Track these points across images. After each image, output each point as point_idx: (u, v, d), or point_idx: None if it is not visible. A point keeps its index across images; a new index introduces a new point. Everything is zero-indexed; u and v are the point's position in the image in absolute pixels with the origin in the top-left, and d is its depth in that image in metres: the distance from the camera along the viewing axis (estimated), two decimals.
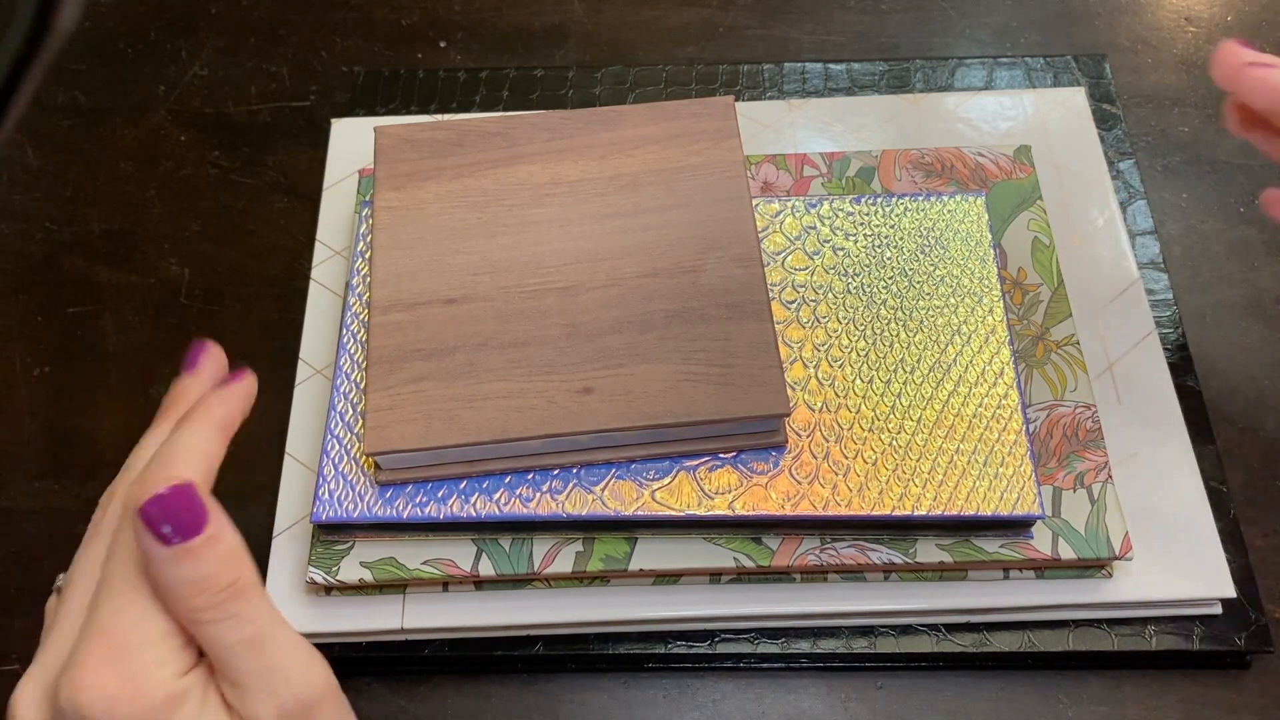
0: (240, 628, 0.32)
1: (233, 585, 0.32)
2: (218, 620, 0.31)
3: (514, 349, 0.44)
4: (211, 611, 0.31)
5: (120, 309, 0.56)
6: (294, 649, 0.33)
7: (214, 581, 0.31)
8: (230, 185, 0.60)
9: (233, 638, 0.32)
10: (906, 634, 0.45)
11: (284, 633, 0.33)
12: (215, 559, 0.31)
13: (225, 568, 0.31)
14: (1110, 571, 0.45)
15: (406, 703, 0.46)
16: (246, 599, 0.32)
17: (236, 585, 0.32)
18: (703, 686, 0.46)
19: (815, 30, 0.65)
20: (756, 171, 0.53)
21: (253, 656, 0.32)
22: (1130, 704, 0.45)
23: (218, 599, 0.31)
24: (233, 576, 0.32)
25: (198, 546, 0.31)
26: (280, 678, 0.32)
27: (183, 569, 0.31)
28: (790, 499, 0.43)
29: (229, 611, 0.32)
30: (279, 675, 0.32)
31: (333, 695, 0.33)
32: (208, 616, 0.31)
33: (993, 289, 0.48)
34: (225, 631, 0.32)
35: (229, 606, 0.32)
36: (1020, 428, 0.44)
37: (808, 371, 0.46)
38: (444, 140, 0.50)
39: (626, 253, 0.47)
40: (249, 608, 0.32)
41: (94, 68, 0.64)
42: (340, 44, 0.65)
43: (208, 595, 0.31)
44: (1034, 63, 0.60)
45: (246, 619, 0.32)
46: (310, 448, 0.49)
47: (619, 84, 0.61)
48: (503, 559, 0.44)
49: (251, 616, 0.32)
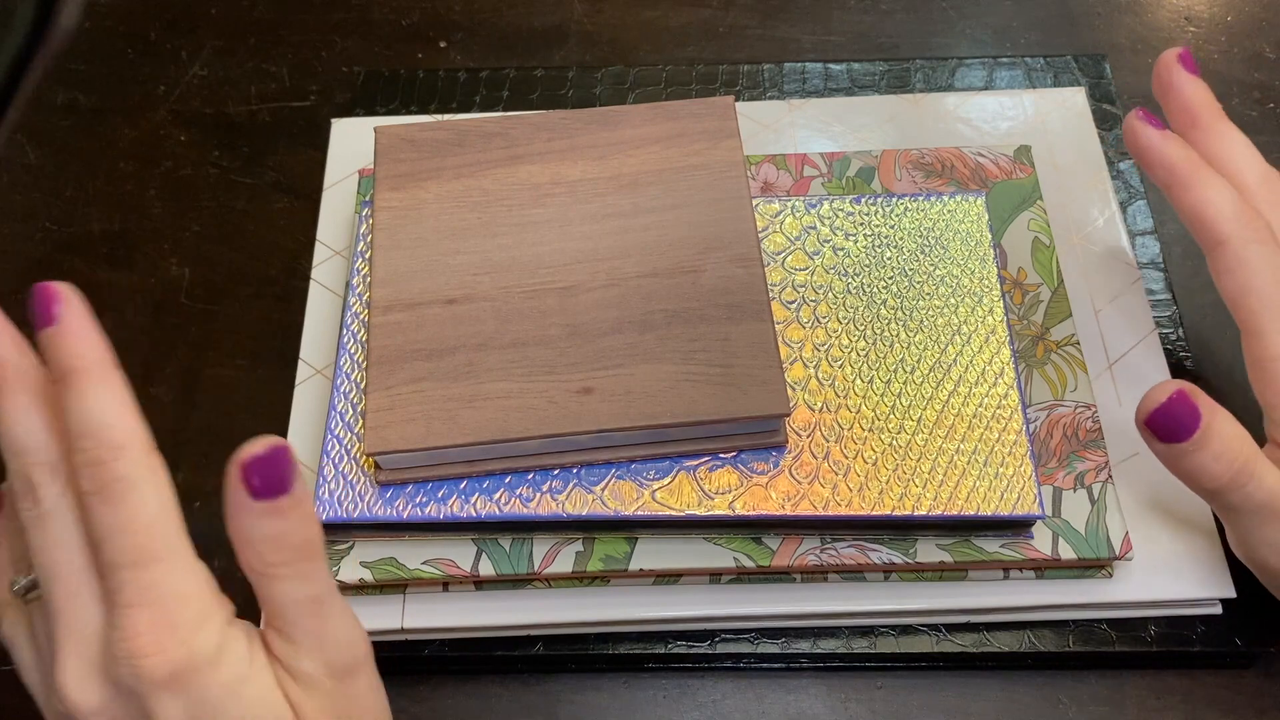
0: (305, 586, 0.34)
1: (306, 545, 0.34)
2: (288, 577, 0.34)
3: (514, 349, 0.44)
4: (285, 568, 0.33)
5: (120, 309, 0.56)
6: (346, 615, 0.35)
7: (291, 539, 0.33)
8: (230, 185, 0.60)
9: (298, 594, 0.34)
10: (906, 634, 0.45)
11: (340, 600, 0.35)
12: (298, 518, 0.33)
13: (303, 528, 0.34)
14: (1110, 571, 0.45)
15: (406, 703, 0.46)
16: (315, 561, 0.34)
17: (309, 547, 0.34)
18: (703, 686, 0.46)
19: (815, 30, 0.65)
20: (756, 171, 0.53)
21: (312, 616, 0.34)
22: (1130, 704, 0.45)
23: (292, 556, 0.33)
24: (307, 537, 0.34)
25: (285, 506, 0.33)
26: (331, 639, 0.35)
27: (269, 524, 0.33)
28: (790, 499, 0.43)
29: (299, 570, 0.34)
30: (330, 637, 0.35)
31: (371, 664, 0.36)
32: (281, 572, 0.33)
33: (993, 289, 0.48)
34: (292, 589, 0.34)
35: (300, 565, 0.34)
36: (1020, 428, 0.44)
37: (808, 371, 0.46)
38: (444, 140, 0.50)
39: (626, 253, 0.47)
40: (316, 570, 0.34)
41: (94, 68, 0.64)
42: (340, 44, 0.65)
43: (284, 552, 0.33)
44: (1034, 63, 0.60)
45: (312, 579, 0.34)
46: (310, 448, 0.49)
47: (619, 84, 0.61)
48: (503, 559, 0.44)
49: (317, 577, 0.34)
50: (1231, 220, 0.42)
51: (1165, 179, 0.44)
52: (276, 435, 0.33)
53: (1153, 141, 0.44)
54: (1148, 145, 0.44)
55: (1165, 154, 0.43)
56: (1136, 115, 0.44)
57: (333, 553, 0.44)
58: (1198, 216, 0.43)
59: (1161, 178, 0.44)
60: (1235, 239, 0.42)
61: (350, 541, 0.45)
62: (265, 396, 0.52)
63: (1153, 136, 0.44)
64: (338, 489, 0.44)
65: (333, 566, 0.44)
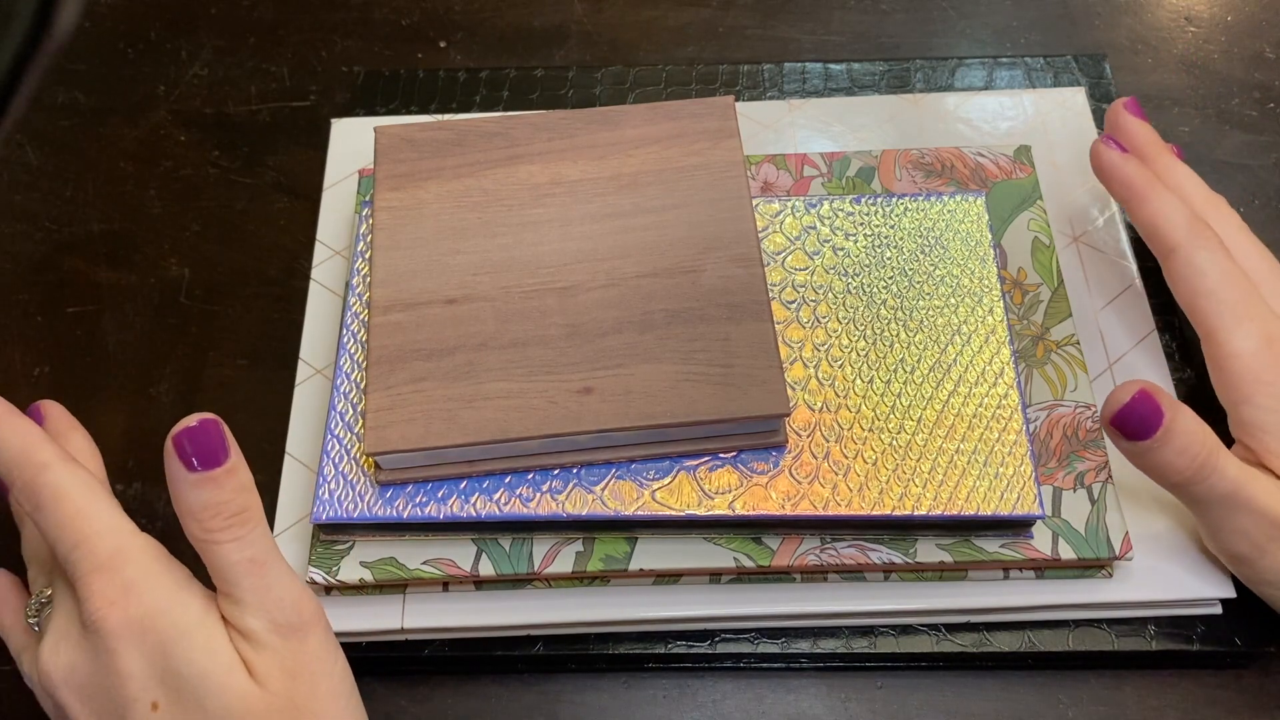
0: (244, 549, 0.37)
1: (242, 513, 0.37)
2: (226, 541, 0.37)
3: (514, 349, 0.44)
4: (223, 533, 0.37)
5: (120, 309, 0.56)
6: (289, 577, 0.38)
7: (228, 507, 0.37)
8: (230, 185, 0.60)
9: (237, 556, 0.37)
10: (906, 634, 0.45)
11: (281, 563, 0.38)
12: (231, 488, 0.37)
13: (238, 497, 0.37)
14: (1110, 571, 0.45)
15: (406, 703, 0.46)
16: (253, 526, 0.38)
17: (245, 514, 0.37)
18: (703, 686, 0.46)
19: (815, 30, 0.65)
20: (756, 171, 0.53)
21: (252, 575, 0.37)
22: (1130, 704, 0.45)
23: (229, 522, 0.37)
24: (243, 505, 0.37)
25: (219, 475, 0.37)
26: (274, 598, 0.37)
27: (205, 493, 0.36)
28: (790, 499, 0.43)
29: (237, 534, 0.37)
30: (272, 595, 0.37)
31: (320, 625, 0.39)
32: (219, 537, 0.37)
33: (993, 289, 0.48)
34: (231, 551, 0.37)
35: (237, 530, 0.37)
36: (1020, 428, 0.44)
37: (808, 371, 0.46)
38: (444, 140, 0.50)
39: (626, 253, 0.47)
40: (254, 534, 0.37)
41: (94, 68, 0.64)
42: (340, 44, 0.65)
43: (220, 519, 0.37)
44: (1034, 63, 0.60)
45: (250, 542, 0.37)
46: (310, 448, 0.49)
47: (619, 84, 0.61)
48: (503, 559, 0.44)
49: (255, 541, 0.37)
50: (1183, 229, 0.45)
51: (1124, 194, 0.47)
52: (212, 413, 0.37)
53: (1114, 160, 0.48)
54: (1109, 164, 0.48)
55: (1124, 171, 0.47)
56: (1101, 139, 0.48)
57: (333, 553, 0.44)
58: (1152, 227, 0.46)
59: (1121, 193, 0.48)
60: (1186, 246, 0.45)
61: (350, 541, 0.45)
62: (265, 396, 0.52)
63: (1114, 156, 0.48)
64: (338, 489, 0.44)
65: (333, 566, 0.44)
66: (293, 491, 0.48)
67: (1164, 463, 0.40)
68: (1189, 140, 0.59)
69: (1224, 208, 0.48)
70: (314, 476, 0.48)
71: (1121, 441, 0.41)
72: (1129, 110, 0.50)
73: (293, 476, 0.48)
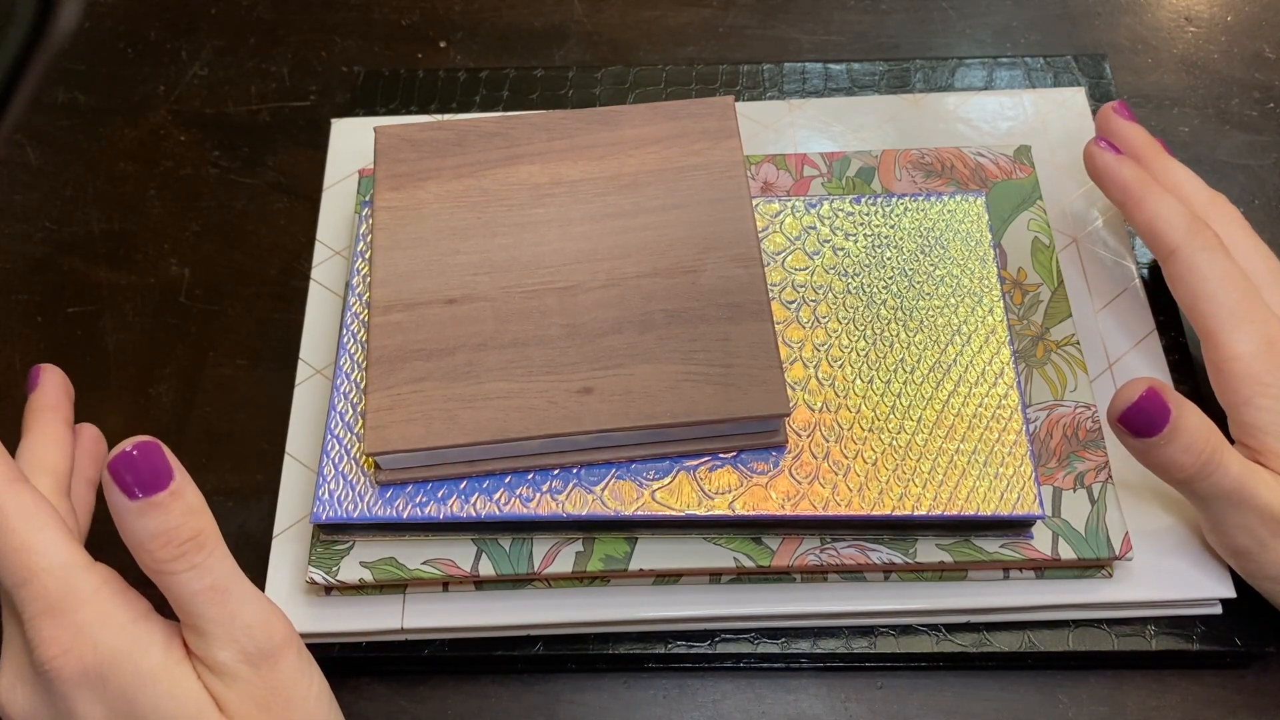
0: (202, 577, 0.34)
1: (195, 538, 0.34)
2: (181, 570, 0.34)
3: (514, 349, 0.44)
4: (176, 562, 0.34)
5: (120, 309, 0.56)
6: (254, 601, 0.36)
7: (178, 534, 0.34)
8: (230, 185, 0.60)
9: (196, 585, 0.34)
10: (906, 634, 0.45)
11: (244, 586, 0.36)
12: (179, 512, 0.34)
13: (188, 521, 0.34)
14: (1110, 571, 0.45)
15: (406, 703, 0.46)
16: (208, 551, 0.35)
17: (199, 538, 0.35)
18: (703, 686, 0.46)
19: (815, 30, 0.65)
20: (756, 171, 0.53)
21: (215, 605, 0.35)
22: (1130, 704, 0.45)
23: (182, 550, 0.34)
24: (195, 530, 0.34)
25: (163, 501, 0.34)
26: (240, 625, 0.35)
27: (149, 521, 0.34)
28: (790, 499, 0.43)
29: (192, 562, 0.34)
30: (239, 623, 0.35)
31: (293, 647, 0.36)
32: (172, 567, 0.34)
33: (993, 289, 0.48)
34: (189, 580, 0.34)
35: (192, 557, 0.34)
36: (1020, 428, 0.44)
37: (808, 371, 0.46)
38: (444, 140, 0.50)
39: (626, 253, 0.47)
40: (210, 559, 0.35)
41: (94, 68, 0.64)
42: (340, 44, 0.65)
43: (172, 547, 0.34)
44: (1034, 63, 0.60)
45: (207, 569, 0.35)
46: (310, 448, 0.49)
47: (619, 84, 0.61)
48: (503, 559, 0.44)
49: (212, 567, 0.35)
50: (1182, 230, 0.45)
51: (1121, 197, 0.47)
52: (149, 435, 0.34)
53: (1109, 163, 0.47)
54: (1104, 166, 0.47)
55: (1120, 174, 0.47)
56: (1095, 141, 0.48)
57: (333, 553, 0.44)
58: (1151, 229, 0.46)
59: (1117, 196, 0.47)
60: (1185, 247, 0.45)
61: (350, 541, 0.45)
62: (265, 396, 0.52)
63: (1108, 159, 0.47)
64: (338, 489, 0.44)
65: (333, 566, 0.44)
66: (293, 491, 0.48)
67: (1170, 459, 0.40)
68: (1189, 140, 0.59)
69: (1225, 205, 0.48)
70: (314, 476, 0.48)
71: (1128, 439, 0.41)
72: (1119, 113, 0.50)
73: (293, 476, 0.48)
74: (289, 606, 0.45)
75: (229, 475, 0.51)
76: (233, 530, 0.49)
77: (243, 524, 0.50)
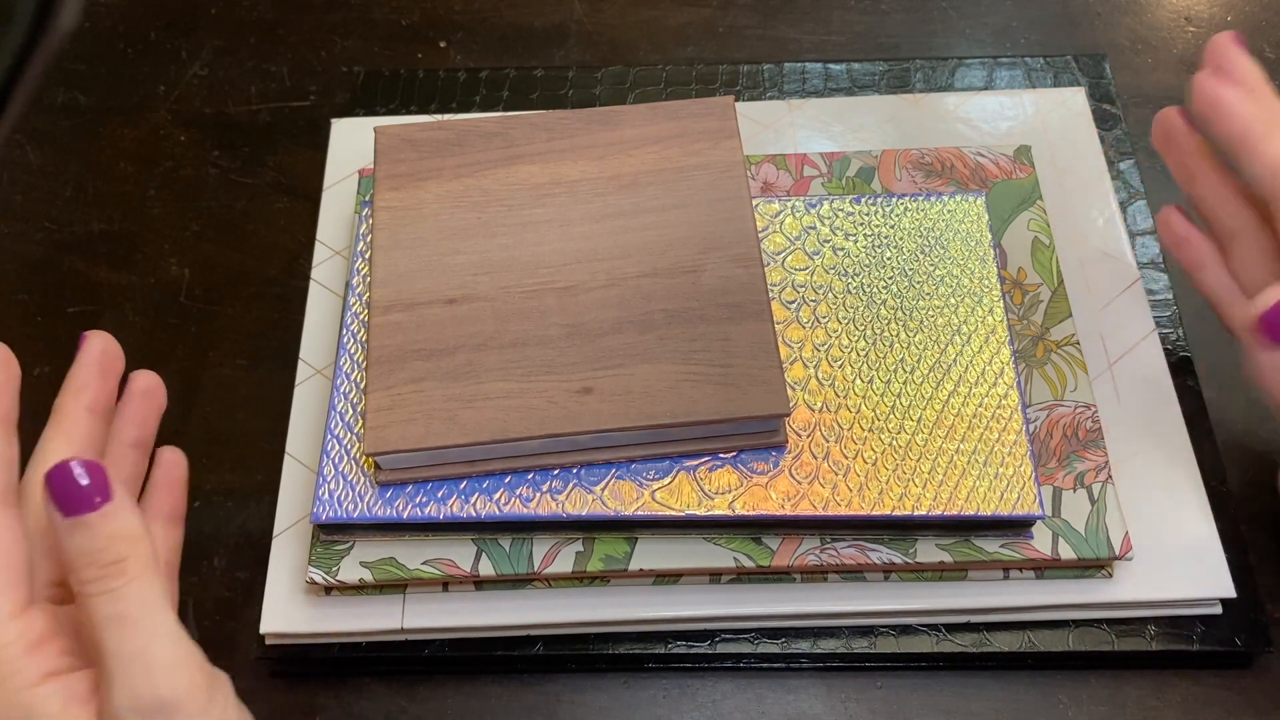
0: (114, 603, 0.33)
1: (119, 563, 0.33)
2: (96, 594, 0.33)
3: (514, 349, 0.44)
4: (93, 584, 0.33)
5: (120, 309, 0.56)
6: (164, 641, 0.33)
7: (101, 556, 0.33)
8: (230, 185, 0.60)
9: (107, 611, 0.33)
10: (906, 634, 0.45)
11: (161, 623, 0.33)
12: (105, 535, 0.33)
13: (113, 545, 0.33)
14: (1110, 571, 0.45)
15: (406, 703, 0.46)
16: (129, 578, 0.33)
17: (122, 564, 0.33)
18: (703, 686, 0.46)
19: (815, 30, 0.65)
20: (756, 171, 0.53)
21: (118, 636, 0.33)
22: (1130, 704, 0.45)
23: (103, 573, 0.33)
24: (119, 555, 0.33)
25: (91, 521, 0.33)
26: (139, 665, 0.33)
27: (76, 539, 0.33)
28: (790, 499, 0.43)
29: (109, 586, 0.33)
30: (139, 664, 0.33)
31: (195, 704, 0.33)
32: (89, 589, 0.33)
33: (993, 289, 0.48)
34: (100, 604, 0.33)
35: (110, 581, 0.33)
36: (1020, 428, 0.44)
37: (808, 371, 0.46)
38: (444, 140, 0.50)
39: (626, 253, 0.47)
40: (129, 586, 0.33)
41: (94, 68, 0.64)
42: (340, 44, 0.65)
43: (94, 569, 0.33)
44: (1034, 63, 0.60)
45: (121, 596, 0.33)
46: (310, 448, 0.49)
47: (619, 84, 0.61)
48: (503, 559, 0.44)
49: (128, 595, 0.33)
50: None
51: (1239, 135, 0.41)
52: (90, 459, 0.33)
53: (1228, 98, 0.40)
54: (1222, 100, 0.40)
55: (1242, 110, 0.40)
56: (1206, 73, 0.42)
57: (332, 553, 0.44)
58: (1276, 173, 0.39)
59: (1235, 132, 0.41)
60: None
61: (350, 541, 0.45)
62: (265, 396, 0.52)
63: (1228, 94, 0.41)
64: (338, 489, 0.44)
65: (333, 566, 0.44)
66: (293, 491, 0.48)
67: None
68: None
69: None
70: (314, 476, 0.48)
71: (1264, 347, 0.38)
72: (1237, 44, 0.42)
73: (293, 476, 0.48)
74: (289, 606, 0.45)
75: (229, 475, 0.51)
76: (233, 530, 0.49)
77: (243, 524, 0.50)
